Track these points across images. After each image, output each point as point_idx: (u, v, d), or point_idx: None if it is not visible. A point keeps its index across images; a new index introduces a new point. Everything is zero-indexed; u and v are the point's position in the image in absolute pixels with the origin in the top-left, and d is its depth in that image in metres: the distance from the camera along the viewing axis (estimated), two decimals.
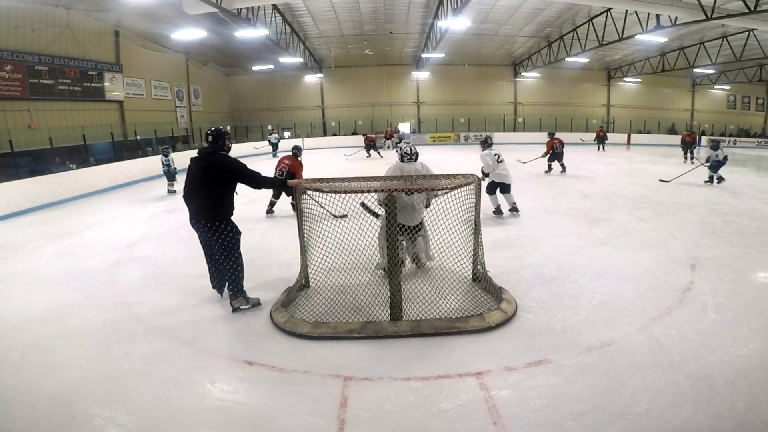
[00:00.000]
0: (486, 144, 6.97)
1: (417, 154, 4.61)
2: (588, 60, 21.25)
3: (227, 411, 2.51)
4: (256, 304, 3.82)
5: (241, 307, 3.75)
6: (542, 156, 11.85)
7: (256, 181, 3.69)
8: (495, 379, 2.71)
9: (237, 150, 18.39)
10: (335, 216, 3.99)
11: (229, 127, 22.55)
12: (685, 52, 20.36)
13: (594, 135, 19.97)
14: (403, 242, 4.26)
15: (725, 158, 10.08)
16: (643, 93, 27.05)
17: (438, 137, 24.80)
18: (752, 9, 10.15)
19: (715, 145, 10.14)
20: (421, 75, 25.36)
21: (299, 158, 7.08)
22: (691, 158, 14.57)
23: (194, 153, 3.83)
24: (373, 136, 19.74)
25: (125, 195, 10.41)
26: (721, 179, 10.07)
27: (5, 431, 2.38)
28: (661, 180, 10.59)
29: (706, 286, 4.11)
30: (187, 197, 3.72)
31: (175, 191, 9.96)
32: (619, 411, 2.40)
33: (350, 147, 19.83)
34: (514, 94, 26.49)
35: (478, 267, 4.10)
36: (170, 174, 10.08)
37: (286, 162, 6.87)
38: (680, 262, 4.80)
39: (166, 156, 10.06)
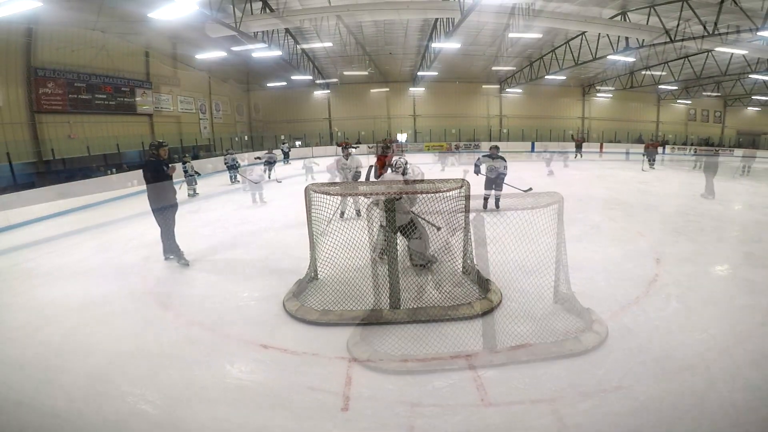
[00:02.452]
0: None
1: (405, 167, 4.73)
2: (565, 77, 21.19)
3: (245, 389, 2.51)
4: None
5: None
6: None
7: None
8: (482, 361, 2.71)
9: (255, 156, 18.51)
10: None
11: (247, 137, 22.73)
12: (651, 70, 20.34)
13: (574, 144, 20.30)
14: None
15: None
16: (614, 107, 26.98)
17: (432, 146, 24.83)
18: (710, 32, 10.19)
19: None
20: (417, 91, 25.34)
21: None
22: (652, 163, 14.64)
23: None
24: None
25: None
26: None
27: (49, 406, 2.39)
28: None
29: (669, 278, 4.11)
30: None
31: (194, 194, 10.00)
32: (593, 389, 2.41)
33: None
34: (499, 108, 26.43)
35: (467, 261, 4.09)
36: (188, 179, 10.08)
37: None
38: (647, 256, 4.80)
39: (184, 164, 10.14)
